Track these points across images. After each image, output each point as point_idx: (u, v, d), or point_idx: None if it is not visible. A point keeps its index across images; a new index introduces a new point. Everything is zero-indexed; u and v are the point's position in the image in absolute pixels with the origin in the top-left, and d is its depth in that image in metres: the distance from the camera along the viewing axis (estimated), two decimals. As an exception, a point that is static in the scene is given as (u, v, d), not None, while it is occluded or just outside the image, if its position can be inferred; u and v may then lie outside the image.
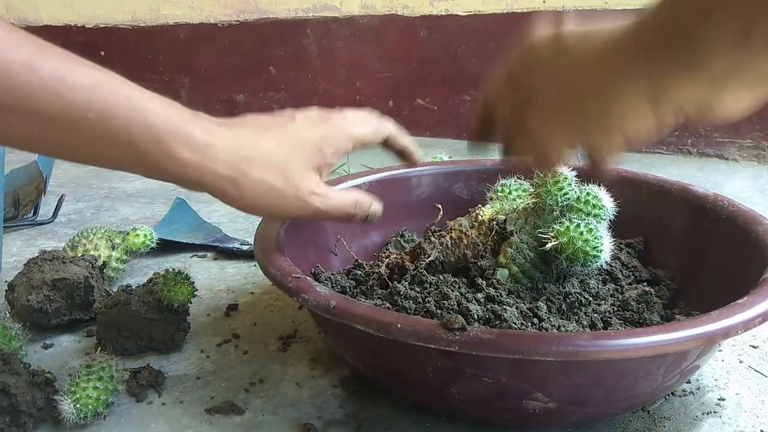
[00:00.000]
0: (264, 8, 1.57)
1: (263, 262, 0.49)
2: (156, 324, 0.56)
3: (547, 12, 1.28)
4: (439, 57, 1.42)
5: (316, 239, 0.62)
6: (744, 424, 0.47)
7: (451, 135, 1.46)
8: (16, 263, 0.77)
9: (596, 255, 0.48)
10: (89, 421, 0.47)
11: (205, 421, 0.48)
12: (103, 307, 0.57)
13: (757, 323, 0.40)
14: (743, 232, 0.53)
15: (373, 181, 0.68)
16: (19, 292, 0.60)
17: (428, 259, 0.55)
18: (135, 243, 0.72)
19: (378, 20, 1.45)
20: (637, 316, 0.51)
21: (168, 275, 0.56)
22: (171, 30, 1.69)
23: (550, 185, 0.50)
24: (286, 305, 0.66)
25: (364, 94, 1.53)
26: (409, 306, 0.48)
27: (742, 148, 1.20)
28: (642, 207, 0.64)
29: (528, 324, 0.46)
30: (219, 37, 1.64)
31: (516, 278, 0.52)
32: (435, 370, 0.42)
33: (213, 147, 0.44)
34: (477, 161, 0.73)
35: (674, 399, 0.50)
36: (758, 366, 0.55)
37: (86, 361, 0.49)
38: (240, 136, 0.47)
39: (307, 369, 0.55)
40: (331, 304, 0.42)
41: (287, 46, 1.58)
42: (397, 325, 0.39)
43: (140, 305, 0.56)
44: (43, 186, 0.95)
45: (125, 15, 1.73)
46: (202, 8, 1.64)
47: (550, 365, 0.39)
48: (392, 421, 0.47)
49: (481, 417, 0.46)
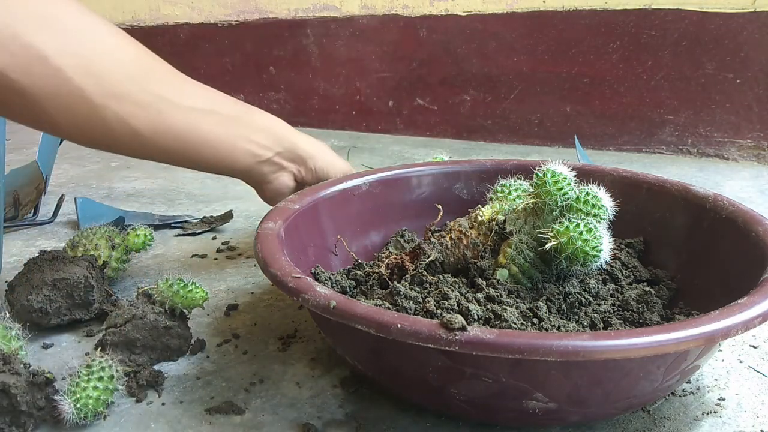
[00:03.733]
0: (264, 8, 1.57)
1: (263, 262, 0.49)
2: (173, 331, 0.55)
3: (546, 12, 1.29)
4: (439, 57, 1.42)
5: (316, 239, 0.62)
6: (744, 424, 0.47)
7: (451, 135, 1.46)
8: (16, 263, 0.77)
9: (596, 255, 0.48)
10: (89, 421, 0.47)
11: (205, 421, 0.48)
12: (110, 327, 0.55)
13: (757, 323, 0.40)
14: (743, 232, 0.53)
15: (373, 181, 0.68)
16: (19, 292, 0.60)
17: (428, 260, 0.55)
18: (135, 243, 0.72)
19: (378, 20, 1.46)
20: (637, 316, 0.51)
21: (174, 282, 0.56)
22: (171, 30, 1.69)
23: (549, 185, 0.50)
24: (286, 305, 0.66)
25: (364, 94, 1.53)
26: (409, 306, 0.48)
27: (742, 148, 1.20)
28: (642, 207, 0.64)
29: (528, 324, 0.46)
30: (219, 37, 1.64)
31: (516, 278, 0.52)
32: (435, 370, 0.42)
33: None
34: (477, 161, 0.73)
35: (674, 399, 0.50)
36: (758, 366, 0.55)
37: (86, 361, 0.49)
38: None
39: (307, 369, 0.55)
40: (331, 304, 0.42)
41: (287, 46, 1.58)
42: (397, 325, 0.39)
43: (154, 316, 0.55)
44: (43, 186, 0.95)
45: (125, 15, 1.73)
46: (202, 8, 1.64)
47: (550, 365, 0.39)
48: (392, 421, 0.47)
49: (481, 417, 0.46)
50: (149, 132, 0.55)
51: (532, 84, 1.34)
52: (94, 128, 0.53)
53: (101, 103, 0.52)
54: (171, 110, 0.56)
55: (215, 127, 0.60)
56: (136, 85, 0.54)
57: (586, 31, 1.26)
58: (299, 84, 1.60)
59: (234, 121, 0.62)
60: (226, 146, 0.61)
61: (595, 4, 1.24)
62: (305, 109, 1.61)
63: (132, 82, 0.54)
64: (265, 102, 1.65)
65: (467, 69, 1.40)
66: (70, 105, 0.51)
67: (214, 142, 0.60)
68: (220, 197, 1.05)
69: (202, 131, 0.59)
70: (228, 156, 0.62)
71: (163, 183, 1.12)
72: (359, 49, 1.50)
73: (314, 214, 0.62)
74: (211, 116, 0.60)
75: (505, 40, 1.34)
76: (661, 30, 1.20)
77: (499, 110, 1.39)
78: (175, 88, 0.58)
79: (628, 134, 1.29)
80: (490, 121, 1.41)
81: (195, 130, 0.59)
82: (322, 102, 1.59)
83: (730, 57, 1.16)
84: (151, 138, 0.56)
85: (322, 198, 0.63)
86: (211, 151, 0.61)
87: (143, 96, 0.54)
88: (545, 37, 1.30)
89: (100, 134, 0.54)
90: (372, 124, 1.55)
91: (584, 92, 1.30)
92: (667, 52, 1.21)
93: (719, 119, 1.20)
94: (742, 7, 1.13)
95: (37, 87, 0.49)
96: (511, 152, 1.33)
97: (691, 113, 1.22)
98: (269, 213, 0.58)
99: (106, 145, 0.56)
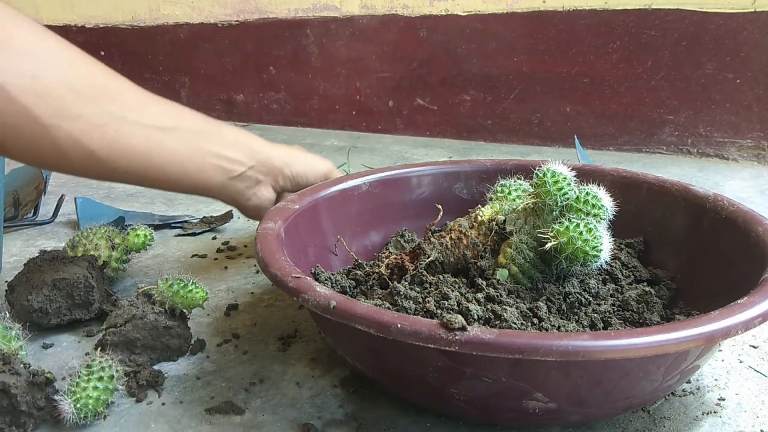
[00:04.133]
0: (264, 8, 1.57)
1: (263, 262, 0.49)
2: (173, 331, 0.55)
3: (546, 12, 1.29)
4: (439, 57, 1.42)
5: (316, 239, 0.62)
6: (744, 424, 0.47)
7: (451, 135, 1.46)
8: (16, 263, 0.77)
9: (596, 255, 0.48)
10: (89, 421, 0.47)
11: (205, 421, 0.48)
12: (110, 327, 0.55)
13: (757, 323, 0.40)
14: (743, 232, 0.53)
15: (373, 181, 0.68)
16: (19, 292, 0.60)
17: (428, 260, 0.55)
18: (135, 243, 0.72)
19: (378, 20, 1.45)
20: (637, 316, 0.51)
21: (174, 282, 0.56)
22: (171, 30, 1.69)
23: (549, 185, 0.50)
24: (286, 305, 0.66)
25: (364, 94, 1.53)
26: (409, 306, 0.48)
27: (742, 148, 1.20)
28: (642, 207, 0.64)
29: (528, 324, 0.46)
30: (219, 37, 1.64)
31: (516, 278, 0.52)
32: (435, 370, 0.42)
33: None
34: (477, 161, 0.73)
35: (674, 399, 0.50)
36: (758, 366, 0.55)
37: (86, 361, 0.49)
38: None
39: (307, 369, 0.55)
40: (331, 304, 0.42)
41: (287, 46, 1.58)
42: (397, 325, 0.39)
43: (154, 316, 0.55)
44: (43, 186, 0.95)
45: (125, 15, 1.73)
46: (202, 8, 1.64)
47: (550, 365, 0.39)
48: (392, 421, 0.47)
49: (481, 417, 0.46)
50: (106, 152, 0.53)
51: (532, 84, 1.34)
52: (44, 149, 0.51)
53: (51, 123, 0.50)
54: (129, 129, 0.54)
55: (180, 143, 0.57)
56: (90, 104, 0.52)
57: (586, 31, 1.26)
58: (299, 84, 1.60)
59: (200, 137, 0.59)
60: (195, 163, 0.58)
61: (595, 4, 1.24)
62: (305, 109, 1.61)
63: (85, 101, 0.51)
64: (265, 102, 1.65)
65: (467, 69, 1.40)
66: (16, 125, 0.49)
67: (181, 160, 0.57)
68: (220, 197, 1.05)
69: (167, 149, 0.56)
70: (197, 174, 0.59)
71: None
72: (359, 49, 1.50)
73: (314, 214, 0.62)
74: (175, 133, 0.57)
75: (505, 40, 1.34)
76: (661, 30, 1.20)
77: (499, 110, 1.39)
78: (134, 105, 0.55)
79: (628, 134, 1.29)
80: (490, 121, 1.41)
81: (158, 149, 0.56)
82: (322, 102, 1.59)
83: (730, 57, 1.16)
84: (108, 158, 0.53)
85: (322, 198, 0.63)
86: (179, 170, 0.58)
87: (97, 116, 0.52)
88: (545, 37, 1.30)
89: (51, 155, 0.52)
90: (372, 124, 1.55)
91: (584, 92, 1.30)
92: (667, 52, 1.21)
93: (719, 119, 1.20)
94: (742, 7, 1.13)
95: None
96: (511, 152, 1.33)
97: (691, 113, 1.22)
98: (269, 213, 0.58)
99: (59, 167, 0.54)
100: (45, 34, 0.52)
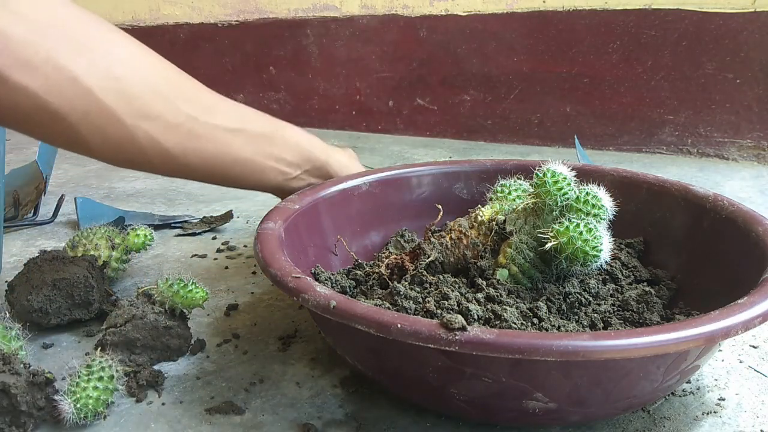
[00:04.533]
0: (264, 8, 1.57)
1: (263, 262, 0.49)
2: (173, 331, 0.55)
3: (546, 12, 1.29)
4: (439, 57, 1.42)
5: (316, 239, 0.62)
6: (744, 424, 0.47)
7: (451, 135, 1.46)
8: (16, 263, 0.77)
9: (596, 255, 0.48)
10: (89, 421, 0.47)
11: (205, 421, 0.48)
12: (110, 327, 0.55)
13: (757, 323, 0.40)
14: (743, 232, 0.53)
15: (373, 181, 0.68)
16: (19, 292, 0.60)
17: (428, 260, 0.55)
18: (135, 243, 0.72)
19: (378, 20, 1.46)
20: (637, 316, 0.51)
21: (174, 282, 0.56)
22: (171, 30, 1.69)
23: (549, 185, 0.50)
24: (287, 305, 0.66)
25: (364, 94, 1.53)
26: (409, 306, 0.48)
27: (742, 148, 1.20)
28: (642, 207, 0.64)
29: (528, 324, 0.46)
30: (219, 37, 1.64)
31: (516, 278, 0.52)
32: (435, 370, 0.42)
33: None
34: (477, 161, 0.73)
35: (674, 399, 0.50)
36: (758, 366, 0.55)
37: (86, 361, 0.49)
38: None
39: (307, 369, 0.55)
40: (331, 304, 0.42)
41: (287, 46, 1.58)
42: (397, 325, 0.39)
43: (154, 316, 0.55)
44: (43, 186, 0.95)
45: (125, 15, 1.73)
46: (202, 8, 1.64)
47: (550, 365, 0.39)
48: (392, 421, 0.47)
49: (481, 417, 0.46)
50: (179, 152, 0.55)
51: (532, 84, 1.34)
52: (127, 149, 0.53)
53: (132, 123, 0.52)
54: (200, 130, 0.56)
55: (244, 146, 0.60)
56: (167, 105, 0.54)
57: (586, 31, 1.26)
58: (299, 84, 1.60)
59: (263, 140, 0.62)
60: (256, 166, 0.61)
61: (595, 4, 1.24)
62: (305, 109, 1.61)
63: (162, 102, 0.53)
64: (265, 102, 1.65)
65: (467, 69, 1.40)
66: (102, 126, 0.51)
67: (243, 162, 0.60)
68: (220, 197, 1.05)
69: (231, 151, 0.59)
70: (258, 174, 0.62)
71: (163, 183, 1.12)
72: (359, 49, 1.50)
73: (314, 214, 0.62)
74: (240, 135, 0.59)
75: (505, 40, 1.34)
76: (661, 30, 1.20)
77: (499, 110, 1.39)
78: (204, 106, 0.57)
79: (628, 134, 1.29)
80: (490, 121, 1.41)
81: (224, 150, 0.58)
82: (322, 102, 1.59)
83: (730, 57, 1.16)
84: (181, 158, 0.56)
85: (322, 198, 0.63)
86: (241, 170, 0.60)
87: (173, 116, 0.54)
88: (545, 37, 1.30)
89: (133, 155, 0.54)
90: (372, 124, 1.55)
91: (584, 92, 1.30)
92: (667, 52, 1.21)
93: (719, 119, 1.20)
94: (742, 7, 1.13)
95: (69, 108, 0.49)
96: (511, 152, 1.33)
97: (691, 113, 1.22)
98: (269, 213, 0.58)
99: (139, 165, 0.56)
100: (122, 36, 0.53)
